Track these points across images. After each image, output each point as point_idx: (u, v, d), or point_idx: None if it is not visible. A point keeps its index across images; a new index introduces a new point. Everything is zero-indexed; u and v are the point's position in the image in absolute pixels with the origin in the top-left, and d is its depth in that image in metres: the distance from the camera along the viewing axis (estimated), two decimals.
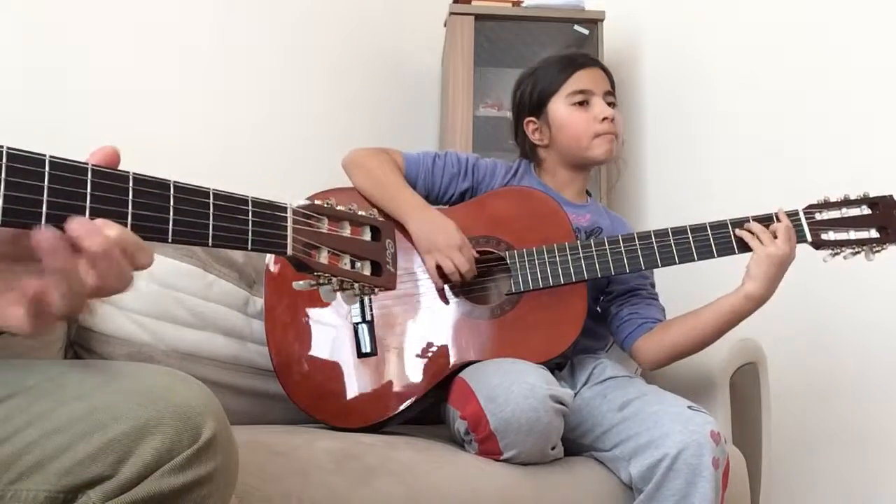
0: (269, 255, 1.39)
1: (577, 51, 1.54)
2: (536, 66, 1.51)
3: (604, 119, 1.42)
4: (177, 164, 2.08)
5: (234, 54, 2.31)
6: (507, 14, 2.36)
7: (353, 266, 0.76)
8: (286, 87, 2.39)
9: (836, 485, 1.74)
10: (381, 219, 0.81)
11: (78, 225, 0.54)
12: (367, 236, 0.79)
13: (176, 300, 1.35)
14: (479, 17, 2.34)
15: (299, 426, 1.28)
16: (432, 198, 1.46)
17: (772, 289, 1.25)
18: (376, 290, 0.78)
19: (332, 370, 1.30)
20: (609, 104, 1.45)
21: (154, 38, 2.16)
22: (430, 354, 1.29)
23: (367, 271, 0.77)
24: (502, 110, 2.37)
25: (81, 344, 1.28)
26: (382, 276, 0.79)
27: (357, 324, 1.31)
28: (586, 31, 2.36)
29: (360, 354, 1.30)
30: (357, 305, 1.32)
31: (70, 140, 1.89)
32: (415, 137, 2.57)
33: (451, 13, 2.35)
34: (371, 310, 1.32)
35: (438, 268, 1.32)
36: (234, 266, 1.45)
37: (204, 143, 2.19)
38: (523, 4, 2.38)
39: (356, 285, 0.76)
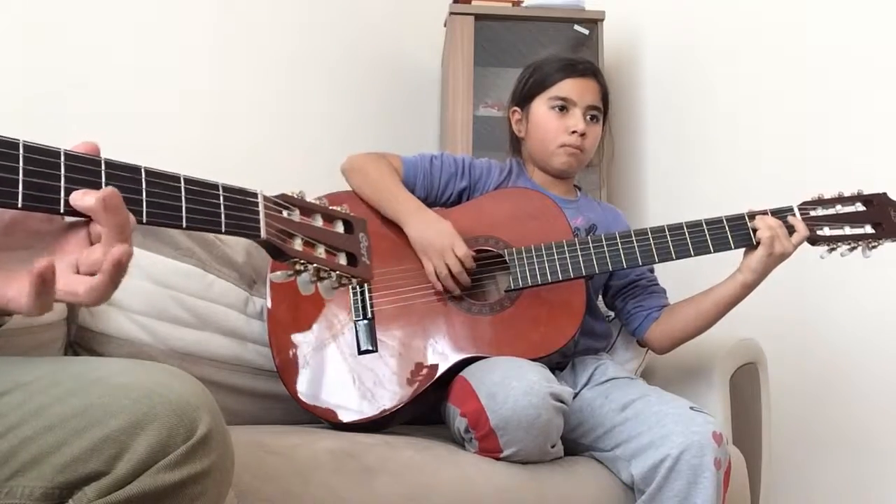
0: None
1: (582, 57, 1.54)
2: (542, 59, 1.52)
3: (573, 132, 1.43)
4: (177, 165, 2.08)
5: (233, 55, 2.31)
6: (507, 14, 2.36)
7: (328, 256, 0.76)
8: (287, 88, 2.40)
9: (835, 484, 1.74)
10: (351, 214, 0.81)
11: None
12: (340, 229, 0.79)
13: (176, 300, 1.35)
14: (479, 17, 2.34)
15: (299, 426, 1.28)
16: (431, 198, 1.46)
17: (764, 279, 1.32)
18: (353, 280, 0.78)
19: (334, 368, 1.30)
20: (592, 118, 1.46)
21: (154, 41, 2.17)
22: (430, 350, 1.30)
23: (342, 262, 0.77)
24: (502, 110, 2.37)
25: (81, 344, 1.28)
26: (358, 266, 0.78)
27: (357, 321, 1.31)
28: (586, 31, 2.36)
29: (361, 351, 1.30)
30: (357, 303, 1.32)
31: (70, 141, 1.91)
32: (415, 137, 2.58)
33: (451, 13, 2.35)
34: (371, 307, 1.32)
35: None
36: (233, 266, 1.45)
37: (204, 144, 2.19)
38: (523, 4, 2.38)
39: (333, 274, 0.76)
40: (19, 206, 0.56)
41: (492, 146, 2.21)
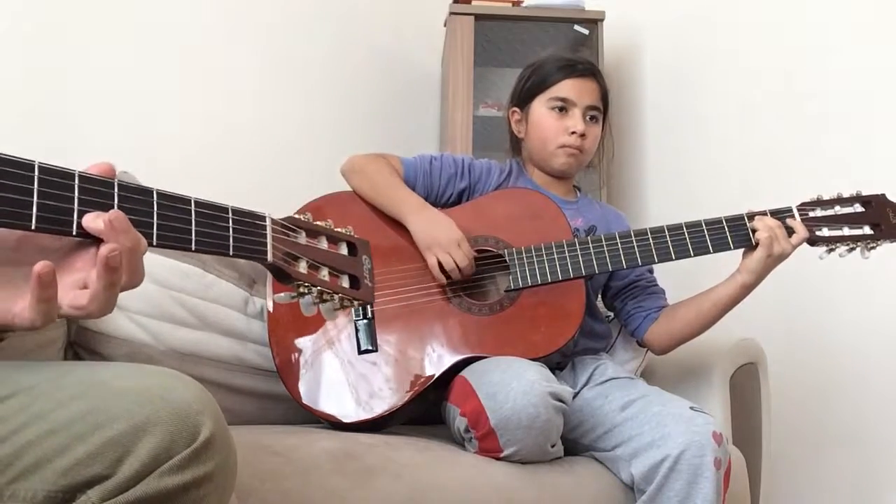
0: None
1: (582, 57, 1.53)
2: (542, 59, 1.52)
3: (572, 133, 1.44)
4: (176, 164, 2.09)
5: (233, 55, 2.31)
6: (507, 14, 2.36)
7: (331, 279, 0.77)
8: (286, 88, 2.39)
9: (836, 484, 1.74)
10: (356, 236, 0.82)
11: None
12: (344, 251, 0.80)
13: (176, 300, 1.35)
14: (479, 17, 2.34)
15: (299, 426, 1.28)
16: (431, 199, 1.47)
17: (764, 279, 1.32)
18: (355, 302, 0.79)
19: (334, 368, 1.30)
20: (591, 118, 1.47)
21: (153, 39, 2.16)
22: (430, 350, 1.30)
23: (345, 284, 0.78)
24: (502, 110, 2.37)
25: (81, 344, 1.28)
26: (361, 289, 0.79)
27: (357, 321, 1.31)
28: (586, 31, 2.36)
29: (361, 351, 1.30)
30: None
31: (70, 140, 1.91)
32: (415, 137, 2.57)
33: (451, 13, 2.35)
34: (371, 307, 1.32)
35: (439, 264, 1.32)
36: (233, 266, 1.45)
37: (204, 143, 2.19)
38: (523, 4, 2.38)
39: (336, 297, 0.76)
40: (33, 227, 0.56)
41: (492, 146, 2.21)
